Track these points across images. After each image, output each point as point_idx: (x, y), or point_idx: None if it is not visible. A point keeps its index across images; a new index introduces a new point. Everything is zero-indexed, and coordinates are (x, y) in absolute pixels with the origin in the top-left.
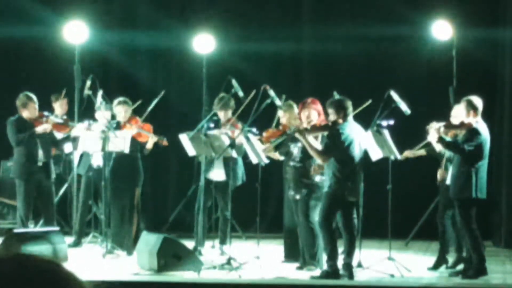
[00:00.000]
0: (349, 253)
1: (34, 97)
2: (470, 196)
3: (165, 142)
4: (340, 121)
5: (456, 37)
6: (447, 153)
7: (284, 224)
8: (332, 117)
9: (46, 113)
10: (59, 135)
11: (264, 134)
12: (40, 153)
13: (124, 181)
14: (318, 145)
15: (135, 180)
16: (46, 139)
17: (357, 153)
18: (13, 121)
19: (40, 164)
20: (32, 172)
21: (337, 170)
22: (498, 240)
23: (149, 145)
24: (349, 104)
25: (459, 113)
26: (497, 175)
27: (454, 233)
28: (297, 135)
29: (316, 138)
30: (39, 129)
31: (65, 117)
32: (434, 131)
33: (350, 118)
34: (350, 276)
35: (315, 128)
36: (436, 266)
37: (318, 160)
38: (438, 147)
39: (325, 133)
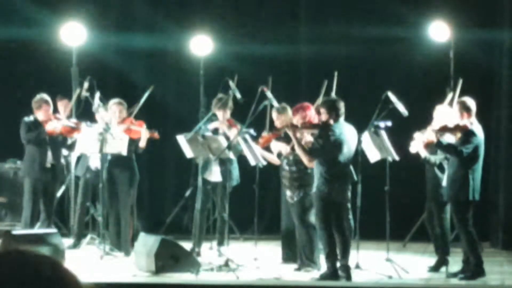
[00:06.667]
0: (344, 255)
1: (49, 100)
2: (466, 199)
3: (156, 135)
4: (331, 121)
5: (453, 38)
6: (432, 159)
7: (281, 225)
8: (324, 117)
9: (59, 116)
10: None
11: (260, 140)
12: (49, 154)
13: (119, 182)
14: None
15: (130, 181)
16: (56, 141)
17: (346, 154)
18: (26, 122)
19: (48, 165)
20: (40, 173)
21: (324, 171)
22: (496, 241)
23: (142, 142)
24: (342, 105)
25: (443, 115)
26: (494, 176)
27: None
28: (287, 129)
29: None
30: (49, 126)
31: (76, 120)
32: (418, 140)
33: (342, 119)
34: (348, 277)
35: (305, 126)
36: (436, 267)
37: (304, 161)
38: (424, 153)
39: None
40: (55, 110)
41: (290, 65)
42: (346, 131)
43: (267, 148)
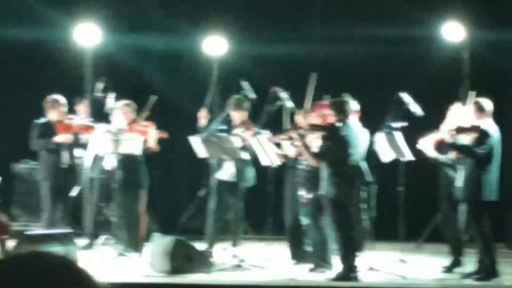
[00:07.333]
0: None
1: (62, 100)
2: (482, 199)
3: (165, 135)
4: (339, 123)
5: (467, 38)
6: (443, 158)
7: (285, 226)
8: (331, 118)
9: (72, 116)
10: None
11: (275, 138)
12: (66, 155)
13: (129, 183)
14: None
15: (140, 182)
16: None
17: (354, 156)
18: (38, 125)
19: (65, 166)
20: (57, 176)
21: (331, 173)
22: (511, 242)
23: (151, 143)
24: (350, 106)
25: (457, 114)
26: (509, 177)
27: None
28: (292, 133)
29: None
30: (58, 138)
31: (91, 119)
32: (429, 138)
33: (352, 120)
34: (355, 277)
35: (313, 128)
36: (451, 268)
37: (311, 162)
38: (432, 154)
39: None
40: (71, 111)
41: (304, 65)
42: (355, 132)
43: (277, 145)
